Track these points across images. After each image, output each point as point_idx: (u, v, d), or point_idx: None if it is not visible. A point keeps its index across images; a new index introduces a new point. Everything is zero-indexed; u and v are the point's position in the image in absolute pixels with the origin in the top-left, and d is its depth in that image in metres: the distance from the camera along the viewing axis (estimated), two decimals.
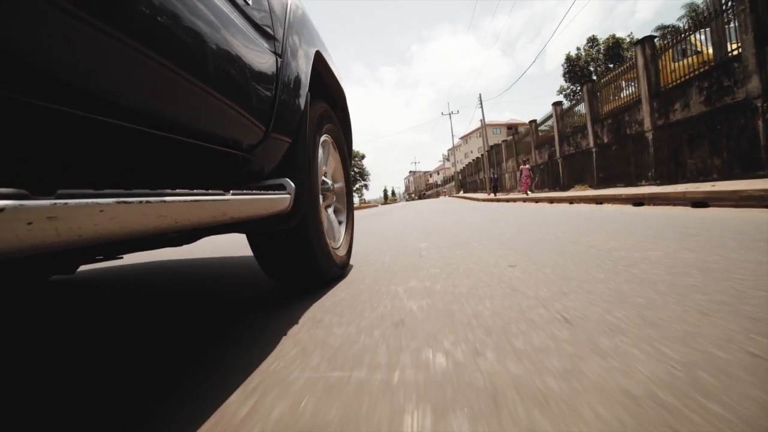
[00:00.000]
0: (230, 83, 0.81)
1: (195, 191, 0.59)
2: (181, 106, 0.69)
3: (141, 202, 0.47)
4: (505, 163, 21.57)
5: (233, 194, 0.71)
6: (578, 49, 30.68)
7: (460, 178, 46.66)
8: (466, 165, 42.15)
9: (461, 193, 40.08)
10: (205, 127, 0.76)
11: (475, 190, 34.12)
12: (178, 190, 0.55)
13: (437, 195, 64.94)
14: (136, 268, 2.75)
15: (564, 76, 31.30)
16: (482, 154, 27.74)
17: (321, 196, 1.55)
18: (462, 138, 74.02)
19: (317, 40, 1.60)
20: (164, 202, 0.51)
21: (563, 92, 32.03)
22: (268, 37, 1.06)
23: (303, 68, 1.32)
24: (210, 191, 0.64)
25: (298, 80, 1.25)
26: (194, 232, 1.40)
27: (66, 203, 0.38)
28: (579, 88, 12.61)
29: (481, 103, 25.41)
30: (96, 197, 0.42)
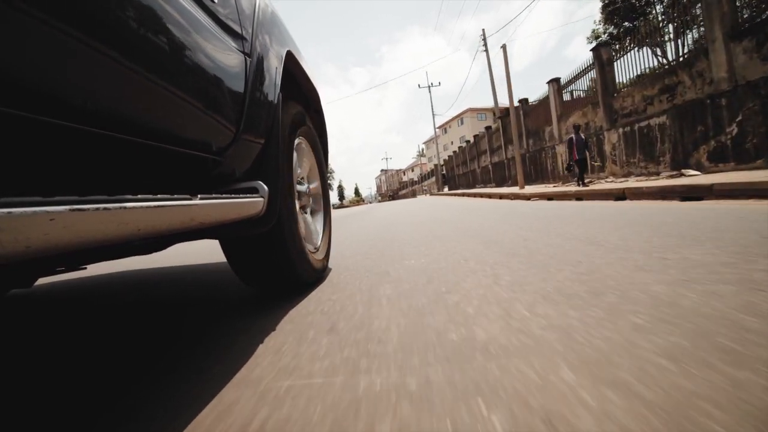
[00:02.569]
0: (195, 83, 0.78)
1: (159, 196, 0.56)
2: (142, 106, 0.66)
3: (98, 209, 0.44)
4: (556, 126, 11.28)
5: (201, 198, 0.68)
6: None
7: (444, 171, 35.54)
8: (456, 152, 29.70)
9: (446, 190, 30.35)
10: (169, 129, 0.73)
11: (470, 185, 23.79)
12: (140, 196, 0.52)
13: (413, 194, 54.51)
14: (101, 279, 2.61)
15: (603, 10, 18.94)
16: (497, 121, 17.10)
17: (296, 199, 1.52)
18: (440, 127, 60.05)
19: (288, 40, 1.57)
20: (124, 208, 0.48)
21: (597, 39, 19.49)
22: (236, 35, 1.03)
23: (274, 68, 1.29)
24: (176, 196, 0.61)
25: (268, 80, 1.22)
26: (162, 239, 1.35)
27: (10, 212, 0.35)
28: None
29: (485, 42, 18.77)
30: (46, 205, 0.39)
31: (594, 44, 8.98)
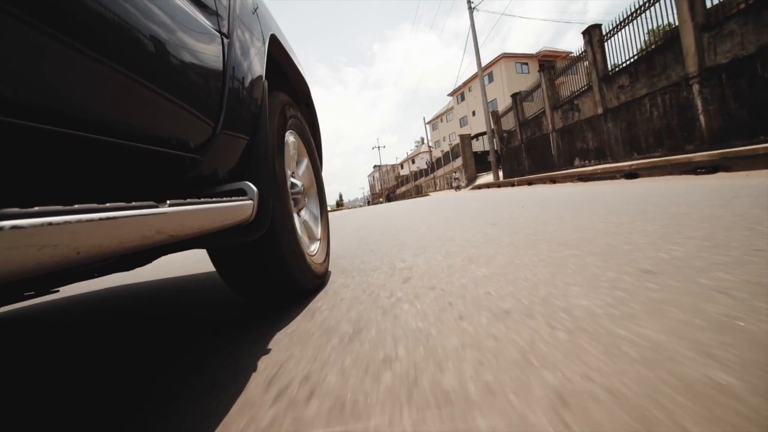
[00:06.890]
0: (157, 66, 0.64)
1: (107, 205, 0.42)
2: (94, 95, 0.52)
3: (1, 229, 0.30)
4: None
5: (171, 205, 0.54)
6: None
7: (496, 140, 17.76)
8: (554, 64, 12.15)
9: (501, 178, 16.42)
10: (126, 123, 0.59)
11: (606, 155, 9.20)
12: (76, 206, 0.38)
13: (417, 192, 38.14)
14: (75, 300, 2.45)
15: None
16: None
17: (291, 199, 1.37)
18: (454, 93, 42.97)
19: (272, 23, 1.42)
20: (49, 225, 0.34)
21: None
22: (209, 11, 0.88)
23: (257, 52, 1.14)
24: (134, 203, 0.47)
25: (251, 65, 1.07)
26: (144, 253, 1.20)
27: None
28: None
29: None
30: None
31: None
